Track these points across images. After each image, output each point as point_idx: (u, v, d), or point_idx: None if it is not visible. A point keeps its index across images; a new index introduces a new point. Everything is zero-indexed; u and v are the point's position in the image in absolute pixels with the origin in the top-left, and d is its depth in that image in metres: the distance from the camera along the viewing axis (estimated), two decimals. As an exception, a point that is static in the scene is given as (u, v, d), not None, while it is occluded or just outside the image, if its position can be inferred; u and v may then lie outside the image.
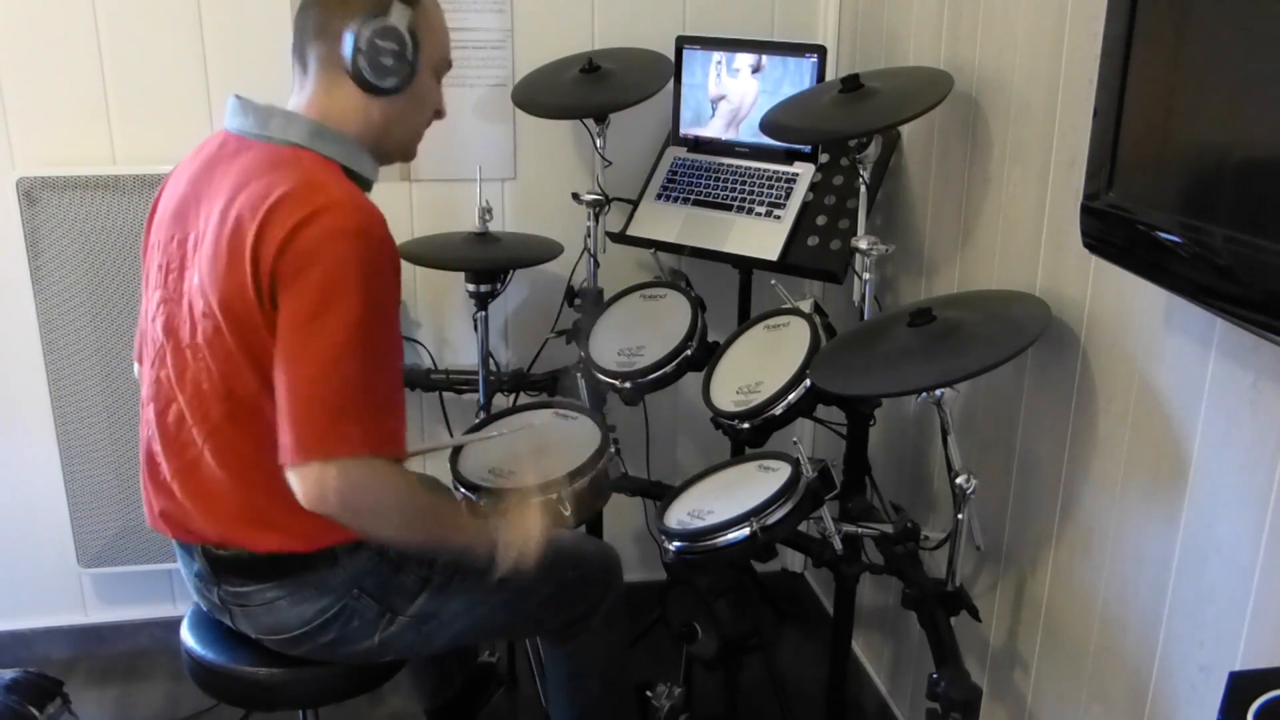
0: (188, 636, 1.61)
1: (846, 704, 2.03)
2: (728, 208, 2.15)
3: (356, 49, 1.40)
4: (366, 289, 1.32)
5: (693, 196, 2.20)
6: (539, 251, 2.18)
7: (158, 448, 1.49)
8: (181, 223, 1.45)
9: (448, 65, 1.56)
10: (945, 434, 1.55)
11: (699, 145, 2.25)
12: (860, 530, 1.76)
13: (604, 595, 1.73)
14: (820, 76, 2.06)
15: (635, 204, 2.26)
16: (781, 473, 1.69)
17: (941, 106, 1.71)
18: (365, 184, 1.48)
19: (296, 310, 1.32)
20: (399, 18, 1.42)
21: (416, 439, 2.49)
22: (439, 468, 2.03)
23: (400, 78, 1.44)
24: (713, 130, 2.22)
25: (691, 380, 1.97)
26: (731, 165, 2.19)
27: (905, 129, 2.05)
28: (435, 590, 1.55)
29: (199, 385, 1.41)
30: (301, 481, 1.33)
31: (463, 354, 2.47)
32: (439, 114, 1.57)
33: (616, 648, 1.82)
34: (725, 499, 1.71)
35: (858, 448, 1.90)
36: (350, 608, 1.49)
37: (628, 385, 1.97)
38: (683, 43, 2.22)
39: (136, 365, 1.66)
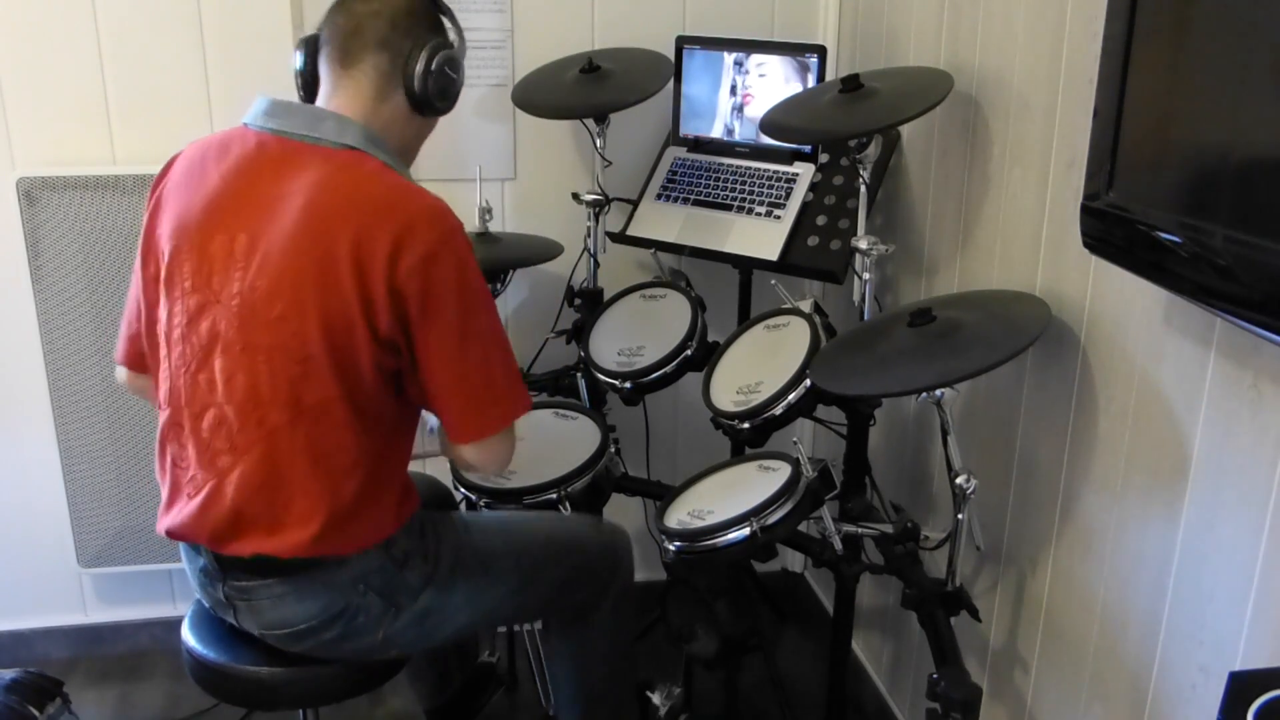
0: (188, 635, 1.61)
1: (846, 704, 2.03)
2: (728, 208, 2.15)
3: (427, 70, 1.49)
4: (479, 274, 1.44)
5: (693, 196, 2.20)
6: (539, 251, 2.18)
7: (191, 454, 1.46)
8: (223, 223, 1.42)
9: None
10: (945, 434, 1.55)
11: (699, 145, 2.25)
12: (860, 530, 1.76)
13: (611, 580, 1.74)
14: (820, 76, 2.06)
15: (635, 204, 2.26)
16: (781, 473, 1.69)
17: (941, 106, 1.71)
18: None
19: (446, 322, 1.40)
20: (460, 52, 1.56)
21: (418, 440, 2.48)
22: (439, 467, 2.03)
23: (452, 102, 1.54)
24: (714, 130, 2.22)
25: (691, 380, 1.97)
26: (731, 165, 2.19)
27: (905, 129, 2.05)
28: (439, 585, 1.55)
29: (255, 390, 1.39)
30: (488, 453, 1.50)
31: (463, 354, 2.47)
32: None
33: (622, 635, 1.82)
34: (725, 499, 1.71)
35: (858, 448, 1.90)
36: (356, 604, 1.49)
37: (628, 385, 1.97)
38: (683, 43, 2.22)
39: (123, 370, 1.62)
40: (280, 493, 1.42)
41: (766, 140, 1.88)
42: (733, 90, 2.18)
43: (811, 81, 2.08)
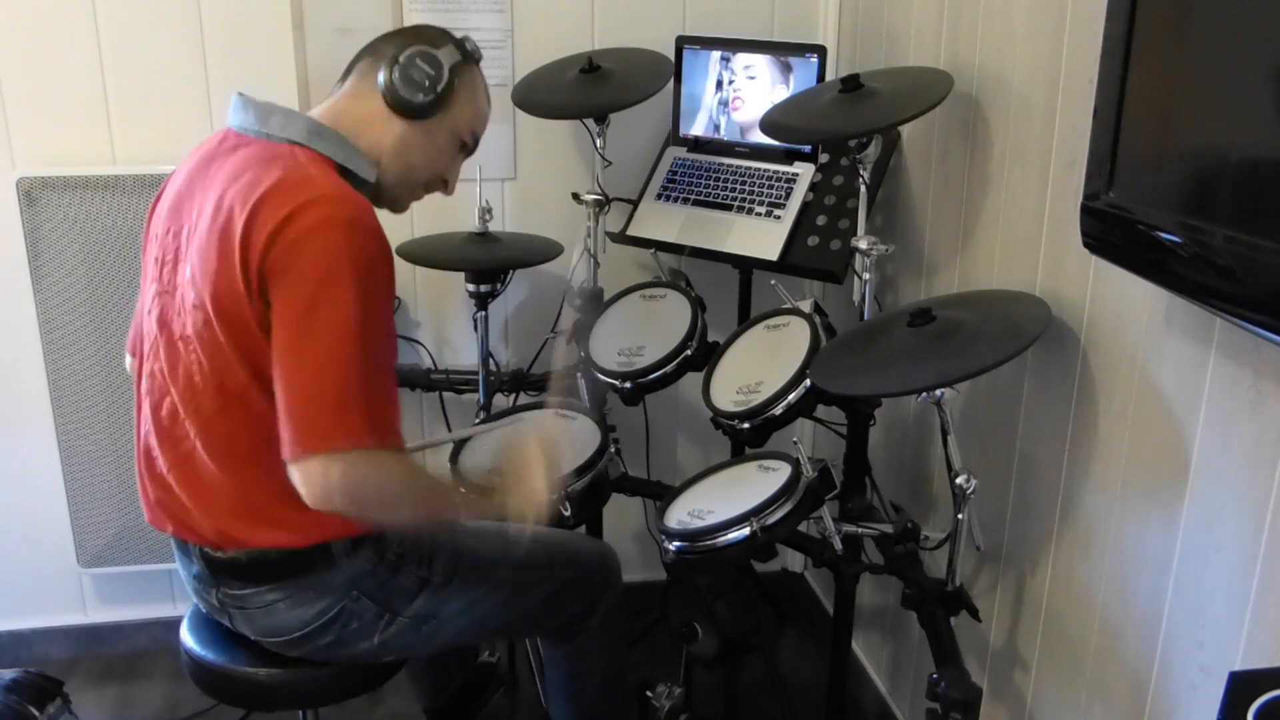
0: (187, 637, 1.61)
1: (846, 704, 2.03)
2: (728, 208, 2.15)
3: (394, 61, 1.46)
4: (359, 278, 1.30)
5: (693, 196, 2.20)
6: (539, 251, 2.18)
7: (154, 442, 1.49)
8: (177, 216, 1.46)
9: (473, 142, 1.59)
10: (945, 434, 1.55)
11: (699, 145, 2.25)
12: (860, 530, 1.76)
13: (603, 595, 1.73)
14: (820, 76, 2.06)
15: (635, 204, 2.26)
16: (781, 473, 1.69)
17: (941, 106, 1.71)
18: (360, 183, 1.47)
19: (291, 304, 1.30)
20: (446, 55, 1.49)
21: (416, 439, 2.49)
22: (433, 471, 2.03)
23: (421, 101, 1.47)
24: (701, 126, 2.22)
25: (691, 380, 1.97)
26: (731, 165, 2.19)
27: (905, 129, 2.05)
28: (434, 591, 1.55)
29: (190, 378, 1.41)
30: (305, 477, 1.30)
31: (463, 354, 2.47)
32: (445, 184, 1.59)
33: (616, 648, 1.82)
34: (725, 499, 1.71)
35: (858, 448, 1.90)
36: (349, 609, 1.49)
37: (628, 385, 1.97)
38: (683, 43, 2.22)
39: (129, 358, 1.66)
40: (228, 479, 1.42)
41: (767, 140, 1.89)
42: (719, 86, 2.18)
43: (796, 82, 2.09)
